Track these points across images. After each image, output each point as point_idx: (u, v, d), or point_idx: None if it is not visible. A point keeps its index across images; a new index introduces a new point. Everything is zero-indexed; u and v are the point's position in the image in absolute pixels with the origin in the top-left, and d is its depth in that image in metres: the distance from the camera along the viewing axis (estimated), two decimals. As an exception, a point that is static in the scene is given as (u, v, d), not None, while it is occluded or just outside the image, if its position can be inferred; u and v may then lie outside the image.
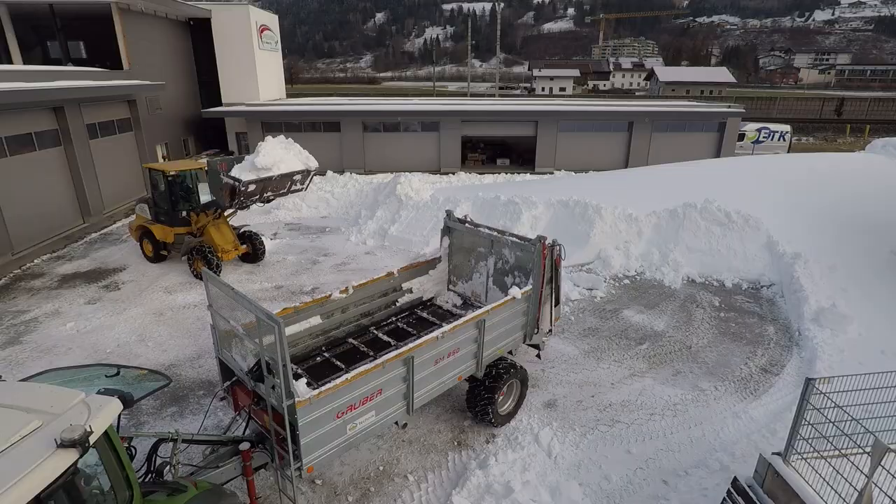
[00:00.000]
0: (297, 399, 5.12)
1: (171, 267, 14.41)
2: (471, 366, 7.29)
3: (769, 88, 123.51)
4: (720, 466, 7.03)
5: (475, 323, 7.01)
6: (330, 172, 26.22)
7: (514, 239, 8.32)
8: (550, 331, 8.53)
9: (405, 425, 6.67)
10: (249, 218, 19.03)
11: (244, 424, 6.20)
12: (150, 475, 5.01)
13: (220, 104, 28.79)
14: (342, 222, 18.45)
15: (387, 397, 6.10)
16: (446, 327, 6.73)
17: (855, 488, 4.82)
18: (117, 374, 5.66)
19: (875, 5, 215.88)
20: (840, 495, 5.04)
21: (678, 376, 9.35)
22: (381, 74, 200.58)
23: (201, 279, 6.87)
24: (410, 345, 6.29)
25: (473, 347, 7.18)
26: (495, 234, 8.67)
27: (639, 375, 9.37)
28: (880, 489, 4.65)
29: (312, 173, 13.23)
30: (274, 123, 27.51)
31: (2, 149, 14.61)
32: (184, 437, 5.29)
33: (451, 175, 25.55)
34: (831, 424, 5.62)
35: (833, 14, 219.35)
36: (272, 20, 32.47)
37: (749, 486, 5.92)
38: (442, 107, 29.62)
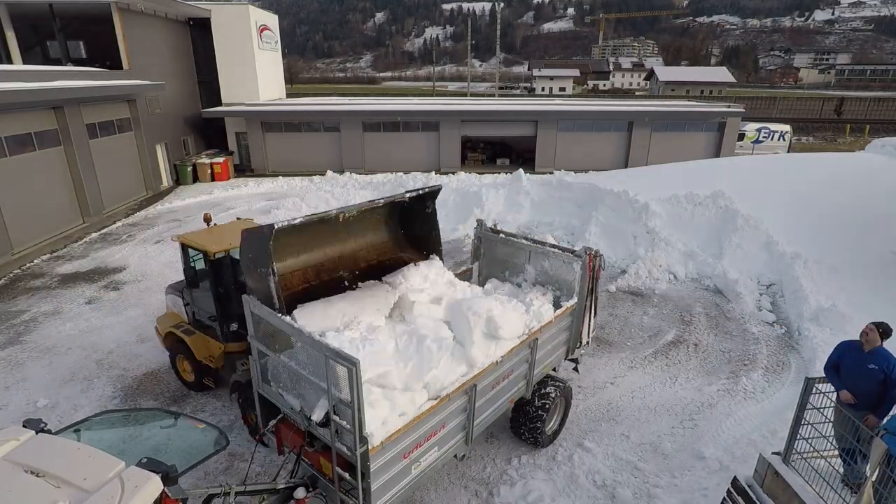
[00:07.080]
0: (370, 446, 4.67)
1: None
2: (521, 387, 6.91)
3: (769, 88, 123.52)
4: (720, 466, 7.03)
5: (528, 342, 6.58)
6: (330, 172, 26.28)
7: (556, 250, 7.75)
8: (588, 342, 8.17)
9: (463, 457, 6.28)
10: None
11: (293, 467, 5.69)
12: None
13: (220, 104, 28.79)
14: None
15: (448, 430, 5.77)
16: (504, 349, 6.19)
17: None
18: (174, 424, 5.29)
19: (875, 5, 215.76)
20: (840, 495, 5.04)
21: (678, 376, 9.36)
22: (381, 74, 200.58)
23: (261, 442, 6.04)
24: (473, 372, 5.84)
25: (525, 368, 6.76)
26: (534, 244, 8.07)
27: (640, 371, 9.39)
28: (880, 489, 4.65)
29: None
30: (274, 123, 27.55)
31: (2, 149, 14.60)
32: (236, 490, 4.99)
33: (451, 175, 25.57)
34: (831, 424, 5.63)
35: (833, 14, 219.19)
36: (272, 20, 32.47)
37: (749, 486, 5.92)
38: (442, 107, 29.63)
